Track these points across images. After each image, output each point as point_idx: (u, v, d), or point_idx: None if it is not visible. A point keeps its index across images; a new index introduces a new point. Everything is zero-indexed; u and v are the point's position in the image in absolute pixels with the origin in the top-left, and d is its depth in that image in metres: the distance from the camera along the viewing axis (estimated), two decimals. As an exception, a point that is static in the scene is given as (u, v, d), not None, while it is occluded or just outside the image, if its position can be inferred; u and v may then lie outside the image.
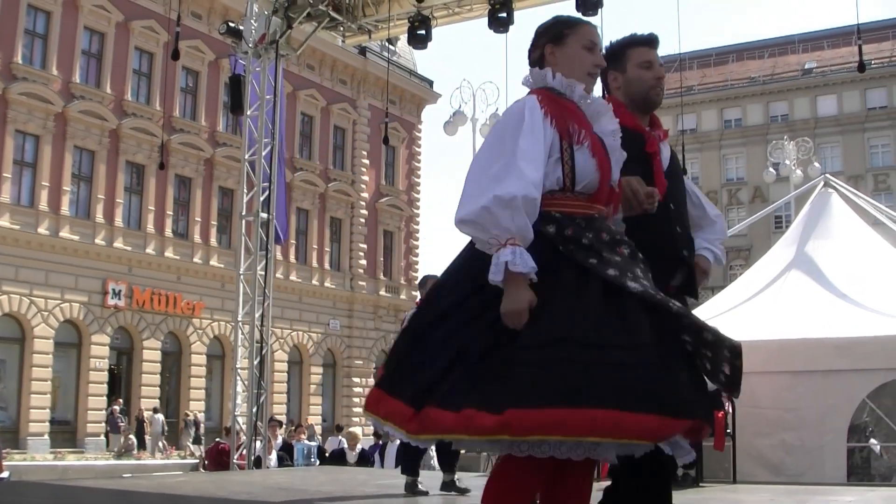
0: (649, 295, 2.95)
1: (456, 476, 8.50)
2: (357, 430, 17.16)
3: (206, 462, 15.32)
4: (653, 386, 2.77)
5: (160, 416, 29.88)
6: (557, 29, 3.37)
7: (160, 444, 29.14)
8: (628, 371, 2.78)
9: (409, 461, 8.54)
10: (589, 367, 2.77)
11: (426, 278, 9.03)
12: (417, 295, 11.96)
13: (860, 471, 11.98)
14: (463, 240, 3.16)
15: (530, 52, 3.41)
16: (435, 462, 16.62)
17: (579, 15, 14.30)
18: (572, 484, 3.09)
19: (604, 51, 3.61)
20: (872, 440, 12.37)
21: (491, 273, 2.92)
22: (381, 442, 15.88)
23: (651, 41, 3.93)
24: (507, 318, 2.90)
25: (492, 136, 3.21)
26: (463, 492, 8.30)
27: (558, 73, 3.29)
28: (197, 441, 29.92)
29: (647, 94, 3.86)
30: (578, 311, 2.90)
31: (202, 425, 31.34)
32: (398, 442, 14.38)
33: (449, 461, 8.61)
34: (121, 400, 30.06)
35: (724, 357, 2.99)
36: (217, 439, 18.90)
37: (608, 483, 3.67)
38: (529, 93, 3.30)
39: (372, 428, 37.40)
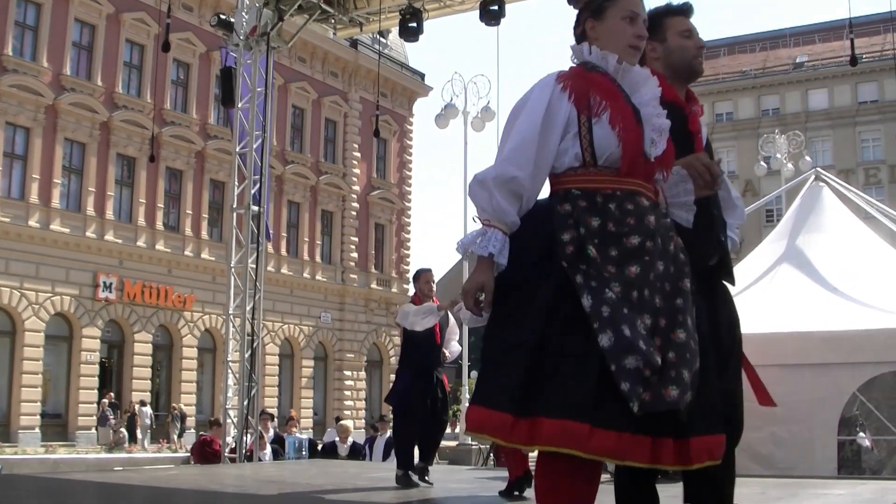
0: (592, 314, 2.83)
1: (427, 466, 8.61)
2: (349, 423, 17.13)
3: (192, 457, 15.28)
4: (564, 393, 2.76)
5: (147, 410, 29.87)
6: (598, 2, 3.24)
7: (146, 437, 29.13)
8: (553, 379, 2.79)
9: (403, 453, 8.59)
10: (534, 374, 2.81)
11: (420, 272, 9.03)
12: (409, 288, 11.97)
13: (850, 464, 12.01)
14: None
15: (574, 28, 3.32)
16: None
17: (570, 7, 14.30)
18: None
19: None
20: (861, 433, 12.40)
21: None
22: (378, 434, 15.89)
23: (687, 10, 3.87)
24: (462, 294, 3.02)
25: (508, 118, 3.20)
26: (428, 483, 8.47)
27: (594, 46, 3.19)
28: (181, 434, 29.91)
29: (690, 63, 3.80)
30: (539, 317, 2.88)
31: (188, 419, 31.34)
32: (387, 434, 14.48)
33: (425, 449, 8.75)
34: (111, 393, 30.05)
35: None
36: (201, 432, 18.84)
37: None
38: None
39: (364, 421, 37.36)
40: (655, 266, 2.99)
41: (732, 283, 3.89)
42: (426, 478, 8.52)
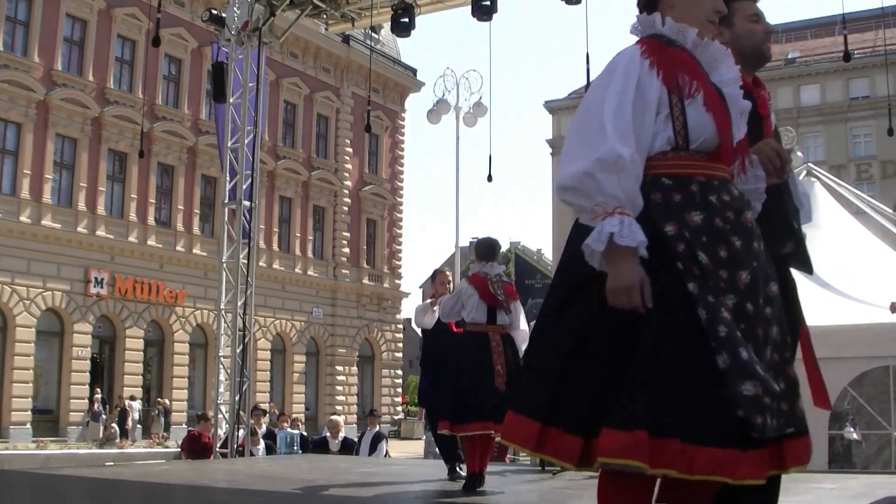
0: (709, 331, 2.57)
1: (457, 465, 8.63)
2: (339, 418, 17.12)
3: (182, 452, 15.25)
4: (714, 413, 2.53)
5: (136, 405, 29.85)
6: None
7: (134, 431, 29.15)
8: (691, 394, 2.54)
9: (444, 451, 8.71)
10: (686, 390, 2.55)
11: (436, 273, 9.04)
12: (400, 283, 11.98)
13: (841, 458, 12.05)
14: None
15: None
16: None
17: (562, 4, 14.27)
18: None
19: None
20: (849, 428, 12.44)
21: (590, 240, 2.58)
22: (367, 429, 15.91)
23: None
24: (615, 295, 2.57)
25: (588, 94, 2.84)
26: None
27: (668, 17, 2.89)
28: (166, 429, 29.91)
29: (759, 48, 3.73)
30: (654, 322, 2.60)
31: (181, 414, 31.33)
32: (376, 429, 14.63)
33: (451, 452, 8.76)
34: (99, 389, 29.99)
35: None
36: (189, 427, 18.79)
37: None
38: (636, 42, 2.89)
39: (356, 416, 37.27)
40: (761, 273, 2.75)
41: (810, 271, 3.74)
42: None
